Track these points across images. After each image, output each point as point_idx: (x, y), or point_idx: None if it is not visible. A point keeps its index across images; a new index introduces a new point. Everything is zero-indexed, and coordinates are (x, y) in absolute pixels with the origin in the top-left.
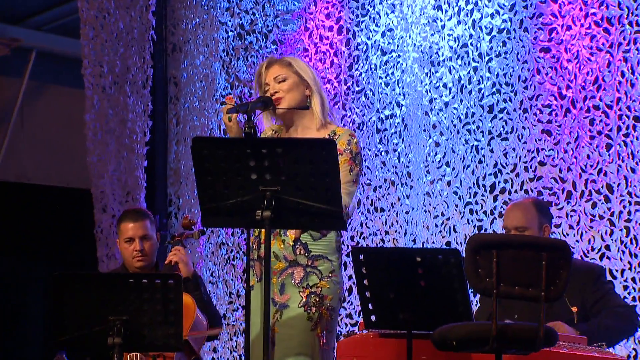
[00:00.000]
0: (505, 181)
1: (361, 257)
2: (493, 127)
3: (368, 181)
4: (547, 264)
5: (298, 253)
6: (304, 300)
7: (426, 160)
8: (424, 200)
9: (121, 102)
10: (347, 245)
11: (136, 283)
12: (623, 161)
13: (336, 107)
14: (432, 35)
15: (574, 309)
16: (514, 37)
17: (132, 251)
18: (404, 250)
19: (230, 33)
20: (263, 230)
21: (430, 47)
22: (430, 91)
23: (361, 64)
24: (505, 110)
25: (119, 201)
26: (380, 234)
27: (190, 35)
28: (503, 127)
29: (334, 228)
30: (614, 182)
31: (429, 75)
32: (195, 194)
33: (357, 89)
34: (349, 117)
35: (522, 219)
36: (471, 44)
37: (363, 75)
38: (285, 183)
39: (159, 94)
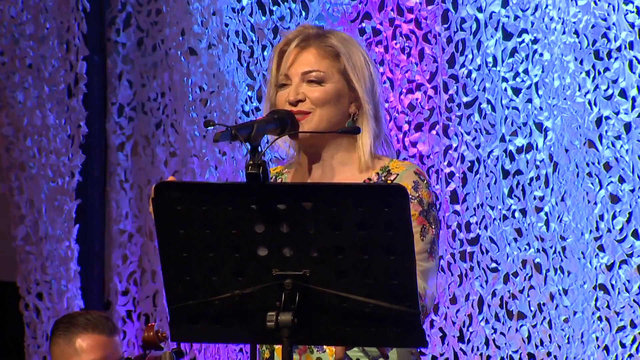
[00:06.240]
0: None
1: None
2: None
3: (494, 265)
4: None
5: None
6: None
7: (597, 228)
8: (596, 298)
9: (37, 119)
10: None
11: None
12: None
13: (433, 132)
14: (596, 3)
15: None
16: None
17: None
18: None
19: (245, 1)
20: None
21: (593, 25)
22: (596, 104)
23: (469, 56)
24: None
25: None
26: (521, 356)
27: (164, 4)
28: None
29: (406, 344)
30: None
31: (592, 75)
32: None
33: (465, 100)
34: (456, 150)
35: None
36: None
37: (474, 74)
38: (319, 264)
39: (94, 104)
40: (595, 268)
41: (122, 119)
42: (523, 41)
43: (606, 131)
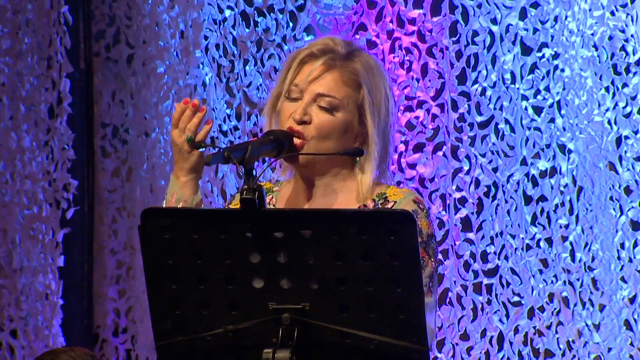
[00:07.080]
0: None
1: None
2: None
3: (516, 298)
4: None
5: None
6: None
7: (618, 258)
8: (623, 335)
9: (11, 142)
10: None
11: None
12: None
13: (439, 153)
14: (613, 14)
15: None
16: None
17: None
18: None
19: (228, 12)
20: None
21: (611, 37)
22: (616, 122)
23: (483, 72)
24: None
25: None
26: None
27: (145, 17)
28: None
29: None
30: None
31: (611, 91)
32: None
33: (478, 119)
34: (469, 173)
35: None
36: None
37: (488, 92)
38: (319, 296)
39: (75, 123)
40: (619, 300)
41: (105, 140)
42: (543, 56)
43: (625, 152)
